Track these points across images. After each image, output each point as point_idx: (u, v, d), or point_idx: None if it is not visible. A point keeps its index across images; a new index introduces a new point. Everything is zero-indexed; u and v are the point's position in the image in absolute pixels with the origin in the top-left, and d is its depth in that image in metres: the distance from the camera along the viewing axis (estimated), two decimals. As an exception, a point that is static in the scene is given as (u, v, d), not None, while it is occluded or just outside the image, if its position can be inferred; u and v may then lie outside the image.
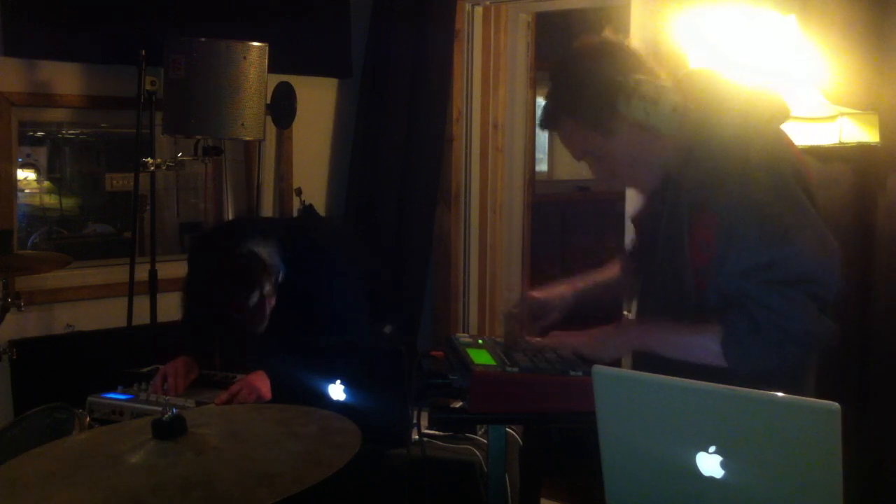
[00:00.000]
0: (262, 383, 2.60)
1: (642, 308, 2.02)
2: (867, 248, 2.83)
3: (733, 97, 1.82)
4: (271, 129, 3.95)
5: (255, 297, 2.50)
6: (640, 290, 2.04)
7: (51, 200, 4.39)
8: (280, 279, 2.60)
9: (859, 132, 2.66)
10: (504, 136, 4.35)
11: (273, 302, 2.58)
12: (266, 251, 2.58)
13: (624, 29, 3.43)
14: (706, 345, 1.72)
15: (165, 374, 2.70)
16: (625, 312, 3.33)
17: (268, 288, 2.53)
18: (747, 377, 1.71)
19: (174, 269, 3.70)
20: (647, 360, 1.83)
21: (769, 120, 1.81)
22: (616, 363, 1.83)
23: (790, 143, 1.83)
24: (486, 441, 2.22)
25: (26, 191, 4.18)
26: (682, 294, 1.81)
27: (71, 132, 4.33)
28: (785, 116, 1.83)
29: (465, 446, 2.33)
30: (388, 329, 2.88)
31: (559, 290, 2.04)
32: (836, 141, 2.66)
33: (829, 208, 2.11)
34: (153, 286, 3.57)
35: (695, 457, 1.31)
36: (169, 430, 1.44)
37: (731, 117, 1.77)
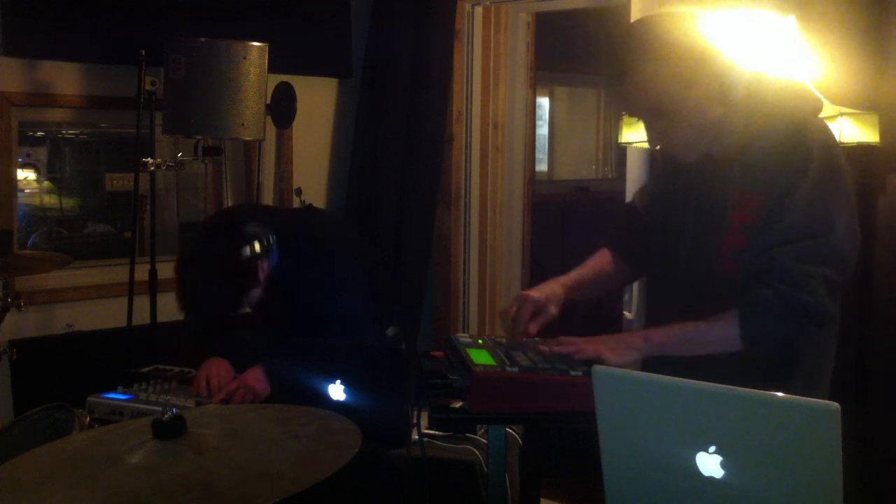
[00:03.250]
0: (257, 382, 2.61)
1: (656, 296, 2.03)
2: (867, 248, 2.83)
3: (771, 88, 1.88)
4: (271, 129, 3.95)
5: (245, 252, 2.50)
6: (654, 275, 2.06)
7: (51, 200, 4.38)
8: (272, 246, 2.59)
9: (859, 132, 2.66)
10: (504, 136, 4.35)
11: (266, 268, 2.57)
12: (257, 224, 2.59)
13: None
14: (724, 332, 1.77)
15: (208, 376, 2.69)
16: (625, 313, 3.33)
17: (257, 247, 2.53)
18: (765, 373, 1.77)
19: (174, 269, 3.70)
20: (651, 361, 1.84)
21: (813, 110, 1.88)
22: (629, 365, 1.83)
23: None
24: (486, 441, 2.22)
25: (26, 191, 4.18)
26: (711, 278, 1.84)
27: (71, 132, 4.33)
28: (821, 107, 1.92)
29: (465, 446, 2.34)
30: (391, 331, 2.88)
31: (551, 287, 2.03)
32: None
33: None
34: (153, 286, 3.57)
35: (695, 457, 1.31)
36: (169, 430, 1.44)
37: (782, 105, 1.84)
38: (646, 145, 3.04)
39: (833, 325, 1.88)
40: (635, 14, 3.36)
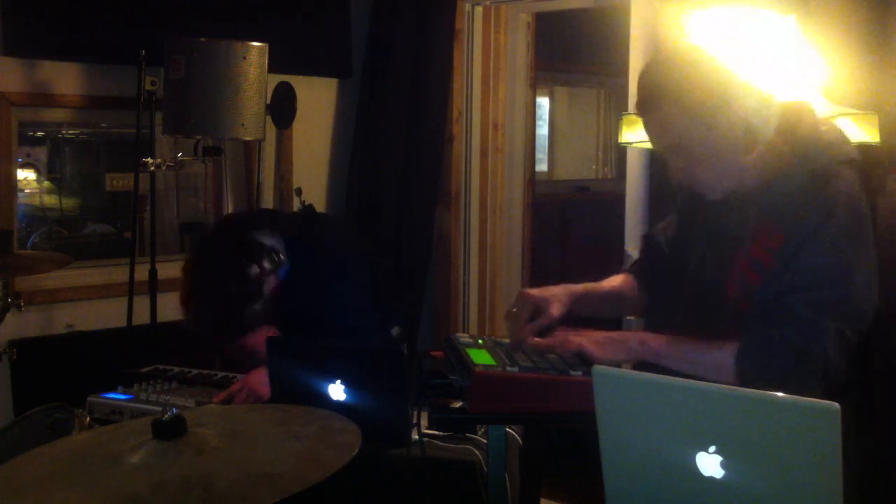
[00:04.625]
0: (260, 385, 2.60)
1: (659, 322, 2.00)
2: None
3: (802, 129, 1.83)
4: (271, 129, 3.95)
5: (252, 270, 2.50)
6: (660, 307, 2.03)
7: (51, 200, 4.38)
8: (282, 261, 2.59)
9: (859, 132, 2.66)
10: (504, 136, 4.35)
11: (273, 282, 2.57)
12: (265, 236, 2.58)
13: (624, 29, 3.43)
14: (720, 360, 1.73)
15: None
16: (628, 317, 3.33)
17: (266, 265, 2.52)
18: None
19: (174, 269, 3.69)
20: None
21: (844, 158, 1.82)
22: (616, 363, 1.83)
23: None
24: (486, 441, 2.22)
25: (26, 191, 4.18)
26: (718, 312, 1.81)
27: (71, 132, 4.33)
28: (853, 154, 1.84)
29: (465, 446, 2.33)
30: (395, 331, 2.88)
31: (555, 291, 2.02)
32: (837, 141, 2.65)
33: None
34: (153, 286, 3.57)
35: (695, 457, 1.31)
36: (169, 430, 1.44)
37: (812, 150, 1.79)
38: (646, 145, 3.03)
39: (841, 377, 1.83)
40: (635, 14, 3.36)
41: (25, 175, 4.12)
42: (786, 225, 1.75)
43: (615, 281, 2.14)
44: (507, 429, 2.22)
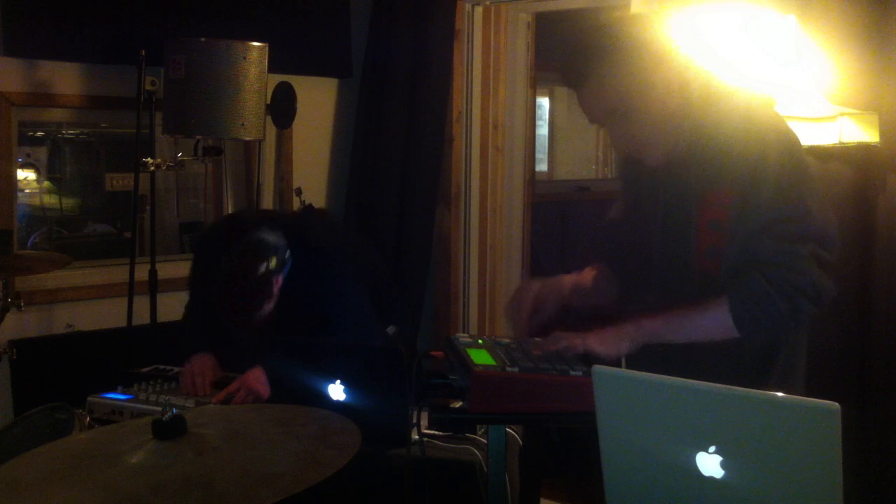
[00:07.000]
0: (259, 384, 2.60)
1: (639, 298, 2.01)
2: (867, 248, 2.83)
3: (727, 87, 1.88)
4: (271, 129, 3.95)
5: (262, 269, 2.50)
6: (634, 280, 2.04)
7: (51, 200, 4.39)
8: (287, 260, 2.58)
9: (859, 132, 2.66)
10: (504, 136, 4.35)
11: (280, 281, 2.57)
12: (271, 235, 2.58)
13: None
14: (718, 319, 1.75)
15: (192, 374, 2.70)
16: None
17: (274, 263, 2.52)
18: (749, 364, 1.76)
19: (174, 269, 3.71)
20: (647, 360, 1.84)
21: (764, 102, 1.88)
22: (616, 363, 1.83)
23: None
24: (486, 441, 2.22)
25: (26, 191, 4.19)
26: (686, 280, 1.83)
27: (71, 132, 4.34)
28: (773, 100, 1.91)
29: (465, 446, 2.33)
30: (391, 330, 2.88)
31: (552, 282, 2.03)
32: (836, 141, 2.66)
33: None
34: (153, 286, 3.57)
35: (695, 457, 1.31)
36: (169, 430, 1.44)
37: (735, 101, 1.83)
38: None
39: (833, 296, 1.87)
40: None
41: (25, 175, 4.13)
42: (729, 178, 1.78)
43: (592, 271, 2.14)
44: (507, 429, 2.23)
